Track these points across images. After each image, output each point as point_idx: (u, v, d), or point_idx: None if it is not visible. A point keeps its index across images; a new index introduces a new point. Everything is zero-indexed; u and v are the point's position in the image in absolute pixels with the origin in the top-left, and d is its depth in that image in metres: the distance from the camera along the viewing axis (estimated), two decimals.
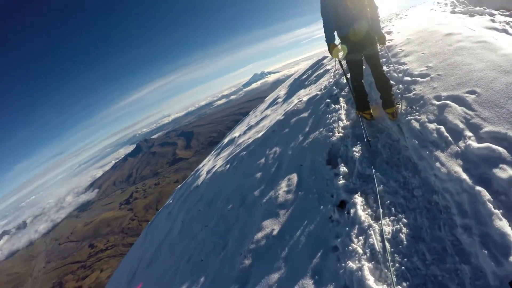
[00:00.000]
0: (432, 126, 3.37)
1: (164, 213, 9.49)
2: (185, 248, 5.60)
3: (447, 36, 5.28)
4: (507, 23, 6.36)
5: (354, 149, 4.10)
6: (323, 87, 7.18)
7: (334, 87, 6.62)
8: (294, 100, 8.18)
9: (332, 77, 7.51)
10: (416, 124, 3.59)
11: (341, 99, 5.88)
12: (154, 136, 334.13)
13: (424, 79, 4.22)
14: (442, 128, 3.24)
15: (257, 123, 9.29)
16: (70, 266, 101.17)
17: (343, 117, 5.12)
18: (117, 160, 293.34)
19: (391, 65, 5.40)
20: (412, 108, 3.89)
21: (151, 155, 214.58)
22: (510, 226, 2.18)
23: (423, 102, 3.81)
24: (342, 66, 4.84)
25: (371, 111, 4.61)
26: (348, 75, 4.70)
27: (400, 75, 4.84)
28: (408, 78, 4.54)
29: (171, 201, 10.03)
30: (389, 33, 7.93)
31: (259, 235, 3.96)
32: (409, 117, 3.79)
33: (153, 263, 6.68)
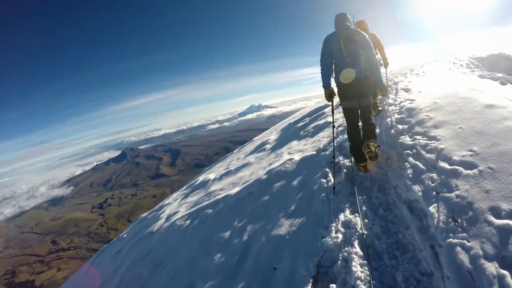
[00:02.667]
0: (492, 269, 2.24)
1: (113, 249, 8.83)
2: None
3: (489, 108, 4.36)
4: None
5: (358, 271, 2.93)
6: (321, 147, 6.17)
7: (337, 151, 5.57)
8: (284, 154, 7.26)
9: (334, 135, 6.47)
10: (464, 258, 2.41)
11: (344, 171, 4.83)
12: (141, 147, 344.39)
13: (470, 172, 3.16)
14: (509, 280, 2.14)
15: (237, 169, 8.37)
16: (27, 257, 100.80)
17: (345, 205, 3.99)
18: (99, 162, 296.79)
19: (415, 137, 4.44)
20: (456, 222, 2.76)
21: (134, 165, 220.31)
22: None
23: (473, 214, 2.69)
24: (333, 112, 5.24)
25: (367, 164, 4.58)
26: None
27: (432, 156, 3.81)
28: (446, 165, 3.47)
29: (125, 235, 9.39)
30: (407, 90, 7.18)
31: None
32: (451, 238, 2.64)
33: None
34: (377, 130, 5.41)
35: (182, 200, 8.63)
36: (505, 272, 2.17)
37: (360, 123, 4.89)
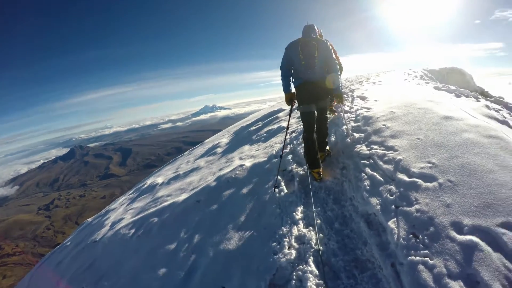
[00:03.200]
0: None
1: (55, 260, 8.20)
2: None
3: (446, 120, 4.39)
4: (497, 111, 5.77)
5: None
6: (273, 153, 6.01)
7: (289, 158, 5.45)
8: (235, 159, 7.07)
9: (288, 141, 6.34)
10: (428, 277, 2.25)
11: (297, 180, 4.65)
12: (91, 145, 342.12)
13: (430, 185, 3.09)
14: None
15: (185, 174, 8.10)
16: None
17: (299, 218, 3.75)
18: (47, 161, 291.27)
19: (372, 146, 4.37)
20: (417, 238, 2.61)
21: (83, 164, 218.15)
22: None
23: (434, 230, 2.57)
24: (290, 116, 5.31)
25: (320, 170, 4.58)
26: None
27: (390, 167, 3.71)
28: (404, 177, 3.38)
29: (68, 243, 8.82)
30: (363, 98, 7.23)
31: None
32: (412, 256, 2.49)
33: None
34: (333, 138, 5.56)
35: (128, 206, 8.26)
36: None
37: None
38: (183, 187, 6.83)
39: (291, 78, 4.82)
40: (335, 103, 5.51)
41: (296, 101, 4.90)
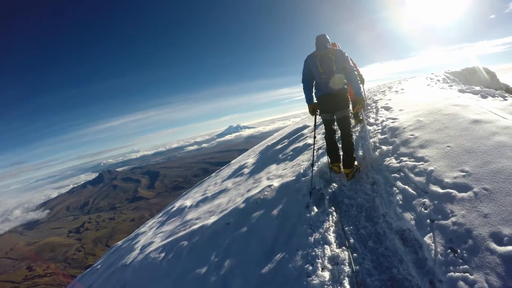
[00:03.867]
0: None
1: (85, 283, 8.62)
2: None
3: (475, 124, 4.29)
4: None
5: None
6: (301, 171, 5.98)
7: (317, 176, 5.40)
8: (263, 179, 7.06)
9: (315, 158, 6.29)
10: None
11: (327, 199, 4.58)
12: (119, 169, 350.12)
13: (465, 195, 2.99)
14: None
15: (213, 196, 8.14)
16: (2, 284, 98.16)
17: (331, 238, 3.70)
18: (76, 185, 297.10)
19: (401, 158, 4.29)
20: (455, 253, 2.53)
21: (112, 188, 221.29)
22: None
23: (473, 243, 2.48)
24: (315, 125, 5.79)
25: (341, 164, 5.24)
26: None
27: (421, 179, 3.63)
28: (438, 189, 3.29)
29: (99, 267, 9.12)
30: (387, 108, 7.17)
31: None
32: (451, 272, 2.40)
33: None
34: (360, 152, 5.58)
35: (157, 229, 8.37)
36: None
37: (338, 133, 5.60)
38: (212, 210, 6.86)
39: (313, 89, 5.22)
40: (357, 109, 5.58)
41: (318, 110, 5.28)
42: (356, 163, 5.17)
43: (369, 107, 8.63)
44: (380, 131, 5.85)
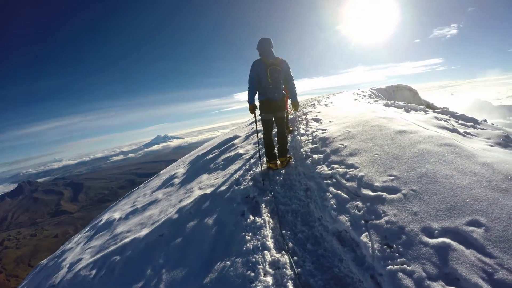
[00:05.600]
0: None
1: None
2: None
3: (401, 134, 4.72)
4: (446, 121, 6.25)
5: None
6: (234, 180, 6.03)
7: (250, 184, 5.51)
8: (194, 189, 6.98)
9: (246, 168, 6.53)
10: (409, 283, 2.36)
11: (263, 206, 4.67)
12: (40, 180, 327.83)
13: (395, 197, 3.29)
14: None
15: (144, 207, 7.89)
16: None
17: (270, 243, 3.77)
18: None
19: (333, 166, 4.56)
20: (391, 248, 2.75)
21: (32, 201, 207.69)
22: None
23: (407, 238, 2.72)
24: (256, 121, 6.47)
25: (277, 161, 6.08)
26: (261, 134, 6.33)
27: (353, 184, 3.89)
28: (369, 192, 3.57)
29: None
30: (317, 120, 7.55)
31: None
32: (390, 265, 2.60)
33: None
34: (292, 162, 5.92)
35: (85, 244, 7.87)
36: None
37: (275, 132, 6.48)
38: (143, 222, 6.66)
39: (256, 92, 5.80)
40: (293, 111, 6.53)
41: (258, 110, 5.95)
42: (288, 155, 6.16)
43: (299, 119, 9.00)
44: (311, 141, 6.18)
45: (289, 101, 8.25)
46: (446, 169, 3.46)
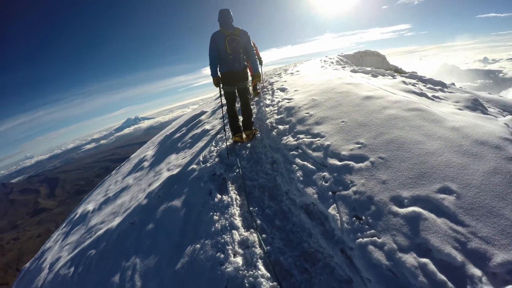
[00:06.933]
0: (412, 260, 2.20)
1: None
2: None
3: (367, 99, 4.66)
4: (414, 85, 6.25)
5: None
6: (201, 158, 5.96)
7: (217, 161, 5.43)
8: (163, 171, 6.91)
9: (213, 144, 6.49)
10: (380, 256, 2.32)
11: (229, 183, 4.58)
12: (14, 181, 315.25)
13: (362, 165, 3.22)
14: (431, 266, 2.13)
15: (116, 195, 7.84)
16: None
17: (238, 222, 3.70)
18: None
19: (298, 136, 4.47)
20: (360, 220, 2.69)
21: (9, 203, 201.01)
22: None
23: (376, 209, 2.66)
24: (221, 95, 6.34)
25: (242, 134, 6.10)
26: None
27: (319, 154, 3.81)
28: (336, 162, 3.49)
29: None
30: (283, 90, 7.50)
31: None
32: (360, 238, 2.54)
33: None
34: (258, 135, 6.07)
35: (63, 241, 7.78)
36: (425, 260, 2.16)
37: (238, 105, 6.48)
38: (115, 210, 6.61)
39: (218, 65, 5.74)
40: (255, 82, 6.84)
41: (221, 83, 5.89)
42: (254, 128, 6.21)
43: (265, 89, 8.95)
44: (276, 111, 6.10)
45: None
46: (415, 135, 3.41)
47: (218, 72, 5.84)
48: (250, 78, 6.71)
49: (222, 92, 6.17)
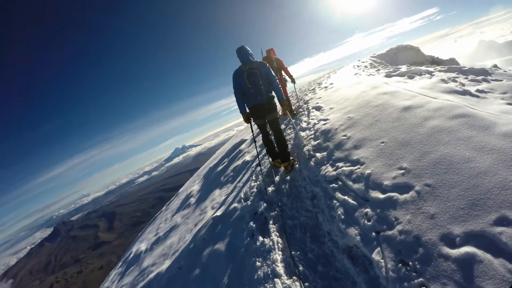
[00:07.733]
0: None
1: None
2: None
3: (406, 111, 4.30)
4: (454, 80, 5.77)
5: None
6: (242, 195, 5.85)
7: (257, 198, 5.30)
8: (208, 209, 6.93)
9: (253, 178, 6.41)
10: None
11: (271, 223, 4.39)
12: (73, 218, 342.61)
13: (407, 197, 2.88)
14: None
15: (165, 235, 8.01)
16: None
17: (280, 269, 3.48)
18: (33, 246, 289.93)
19: (337, 165, 4.19)
20: (407, 266, 2.37)
21: (71, 239, 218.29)
22: None
23: (424, 251, 2.34)
24: (252, 130, 6.55)
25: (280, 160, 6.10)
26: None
27: (360, 186, 3.49)
28: (378, 194, 3.16)
29: None
30: (318, 108, 7.36)
31: None
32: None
33: None
34: (296, 165, 5.78)
35: (119, 282, 8.03)
36: None
37: (271, 135, 6.37)
38: (165, 252, 6.70)
39: (244, 101, 5.93)
40: (284, 111, 6.54)
41: (251, 118, 6.09)
42: (292, 158, 6.10)
43: (300, 110, 8.88)
44: (313, 136, 5.89)
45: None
46: (463, 150, 3.03)
47: (247, 108, 6.00)
48: (278, 107, 6.82)
49: (253, 126, 6.41)
